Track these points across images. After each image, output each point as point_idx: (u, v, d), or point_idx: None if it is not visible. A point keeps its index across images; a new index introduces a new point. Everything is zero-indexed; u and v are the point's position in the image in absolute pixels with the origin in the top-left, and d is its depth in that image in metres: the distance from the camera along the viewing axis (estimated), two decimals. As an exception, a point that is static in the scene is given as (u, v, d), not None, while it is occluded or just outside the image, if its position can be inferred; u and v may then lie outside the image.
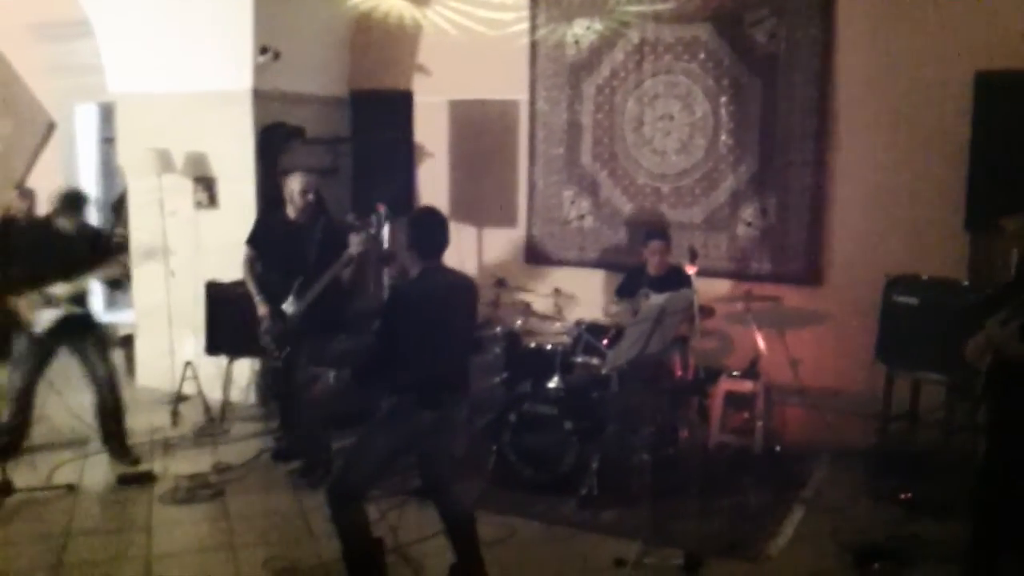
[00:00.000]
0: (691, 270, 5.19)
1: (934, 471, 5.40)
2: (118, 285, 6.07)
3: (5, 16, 9.29)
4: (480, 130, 7.64)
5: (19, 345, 5.86)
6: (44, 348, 5.89)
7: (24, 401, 6.03)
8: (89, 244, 5.84)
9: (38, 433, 6.26)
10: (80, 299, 5.81)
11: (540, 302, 6.79)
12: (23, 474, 5.59)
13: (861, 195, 6.30)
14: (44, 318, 5.71)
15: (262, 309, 5.75)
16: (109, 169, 9.37)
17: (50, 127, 9.49)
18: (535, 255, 7.47)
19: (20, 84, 9.55)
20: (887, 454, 5.76)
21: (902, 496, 5.28)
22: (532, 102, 7.35)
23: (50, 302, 5.67)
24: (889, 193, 6.19)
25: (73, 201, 5.84)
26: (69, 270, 5.68)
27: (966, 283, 5.44)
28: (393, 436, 4.11)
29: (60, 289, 5.67)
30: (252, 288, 5.83)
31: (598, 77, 7.06)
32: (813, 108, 6.35)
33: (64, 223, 5.75)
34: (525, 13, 7.21)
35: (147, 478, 5.70)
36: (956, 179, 5.71)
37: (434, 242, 4.09)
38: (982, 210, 5.40)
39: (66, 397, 6.72)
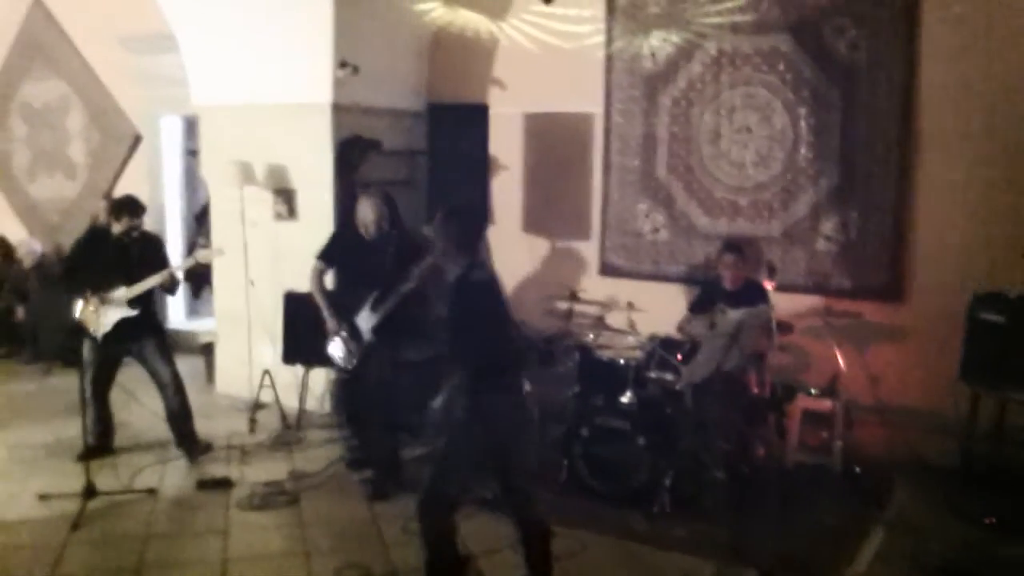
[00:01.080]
0: (769, 285, 5.10)
1: (1021, 493, 5.21)
2: (171, 291, 6.24)
3: (97, 30, 9.65)
4: (555, 143, 7.63)
5: (85, 351, 6.08)
6: (107, 353, 6.11)
7: (98, 405, 6.24)
8: (143, 249, 6.07)
9: (121, 438, 6.47)
10: (139, 303, 5.98)
11: (613, 316, 6.75)
12: (106, 477, 5.76)
13: (945, 209, 6.13)
14: (105, 322, 5.91)
15: (331, 324, 5.83)
16: (192, 180, 9.60)
17: (136, 139, 9.77)
18: (609, 268, 7.43)
19: (108, 98, 9.88)
20: (972, 475, 5.58)
21: (987, 520, 5.10)
22: (607, 115, 7.32)
23: (109, 306, 5.89)
24: (974, 207, 6.00)
25: (122, 206, 6.09)
26: (125, 275, 5.92)
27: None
28: (458, 430, 4.11)
29: (117, 293, 5.90)
30: (320, 301, 5.91)
31: (674, 89, 7.00)
32: (896, 120, 6.20)
33: (117, 228, 6.01)
34: (601, 26, 7.19)
35: (225, 483, 5.81)
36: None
37: (469, 235, 4.25)
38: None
39: (145, 404, 6.90)
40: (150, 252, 6.11)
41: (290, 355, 6.99)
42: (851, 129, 6.36)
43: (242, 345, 7.53)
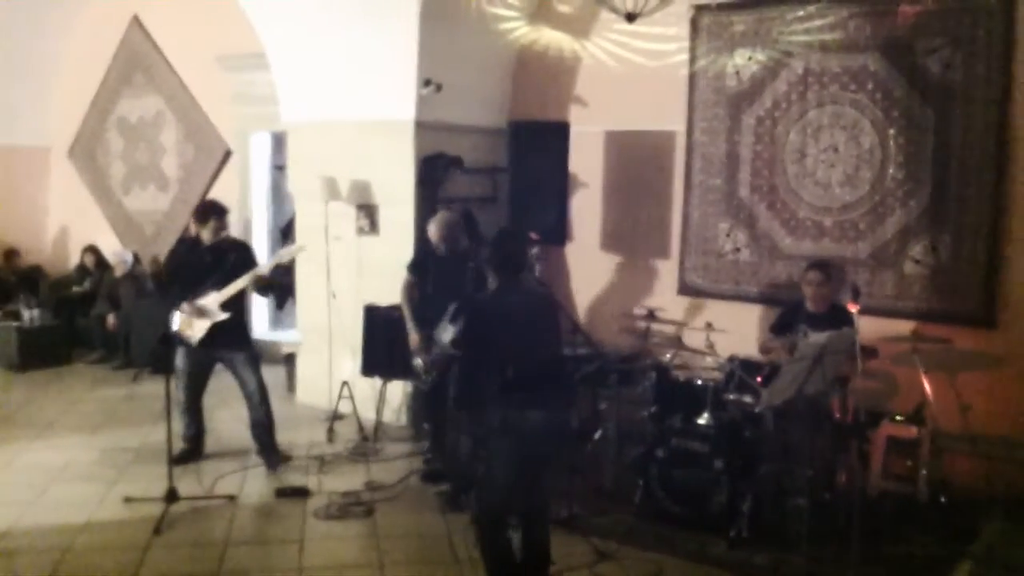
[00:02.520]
0: (854, 308, 4.98)
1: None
2: (264, 292, 6.38)
3: (193, 48, 9.97)
4: (635, 160, 7.60)
5: (179, 358, 6.26)
6: (199, 360, 6.28)
7: (192, 412, 6.43)
8: (234, 256, 6.20)
9: (206, 443, 6.62)
10: (230, 308, 6.11)
11: (692, 335, 6.66)
12: (189, 483, 5.90)
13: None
14: (199, 329, 6.06)
15: (414, 336, 5.92)
16: (279, 195, 9.83)
17: (227, 154, 10.05)
18: (688, 287, 7.34)
19: (201, 113, 10.19)
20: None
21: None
22: (689, 132, 7.25)
23: (203, 313, 6.01)
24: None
25: (207, 211, 6.25)
26: (218, 281, 6.06)
27: None
28: (510, 444, 4.18)
29: (210, 299, 6.03)
30: (407, 313, 6.01)
31: (759, 108, 6.91)
32: (992, 142, 6.00)
33: (206, 235, 6.17)
34: (685, 44, 7.14)
35: (302, 492, 5.90)
36: None
37: (509, 260, 4.39)
38: None
39: (232, 410, 7.06)
40: (240, 258, 6.25)
41: (369, 367, 7.08)
42: (943, 150, 6.19)
43: (323, 356, 7.66)
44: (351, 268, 7.55)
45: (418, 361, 6.01)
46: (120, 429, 7.24)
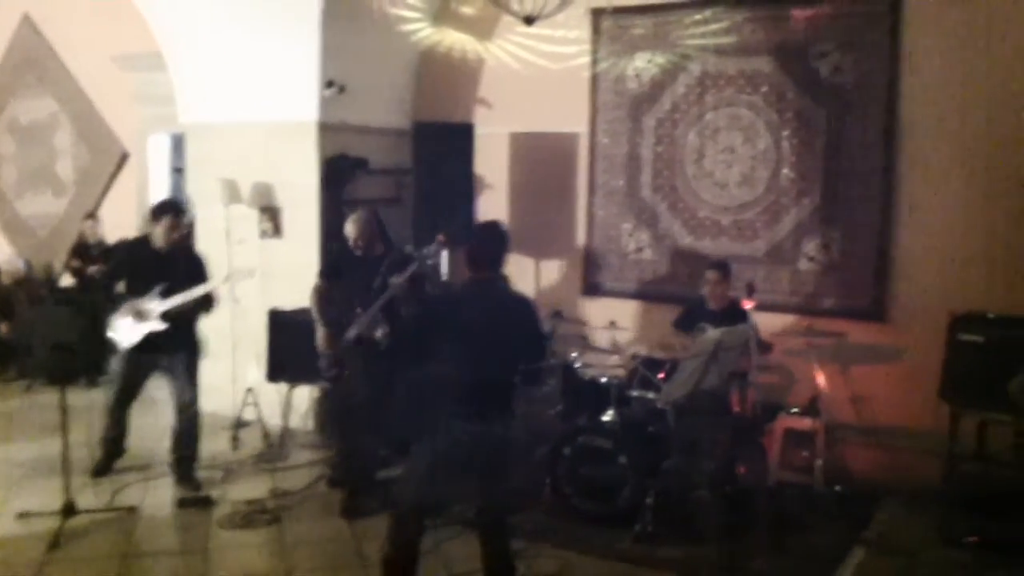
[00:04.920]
0: (749, 305, 5.13)
1: (1005, 513, 5.22)
2: (208, 308, 6.11)
3: (87, 48, 9.68)
4: (540, 162, 7.67)
5: (114, 363, 6.03)
6: (134, 366, 6.02)
7: (114, 417, 6.21)
8: (181, 264, 5.94)
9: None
10: (173, 317, 5.83)
11: (597, 334, 6.77)
12: (88, 496, 5.73)
13: (928, 229, 6.16)
14: (133, 334, 5.84)
15: (322, 333, 5.86)
16: (179, 198, 9.60)
17: (123, 157, 9.79)
18: (593, 287, 7.45)
19: (96, 116, 9.90)
20: (955, 495, 5.58)
21: (969, 540, 5.11)
22: (592, 134, 7.36)
23: (142, 317, 5.80)
24: (957, 228, 6.04)
25: (157, 209, 5.97)
26: (165, 288, 5.78)
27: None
28: (433, 451, 4.08)
29: (151, 305, 5.80)
30: (317, 317, 5.92)
31: (659, 110, 7.05)
32: (879, 142, 6.24)
33: (157, 236, 5.86)
34: (586, 47, 7.24)
35: (206, 502, 5.79)
36: (1026, 215, 5.58)
37: (482, 254, 4.14)
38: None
39: (136, 418, 6.87)
40: (192, 270, 5.97)
41: (274, 373, 6.97)
42: (834, 150, 6.41)
43: (226, 363, 7.51)
44: (254, 272, 7.42)
45: (323, 360, 5.95)
46: (13, 442, 6.98)
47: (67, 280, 9.40)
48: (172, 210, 5.95)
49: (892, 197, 6.24)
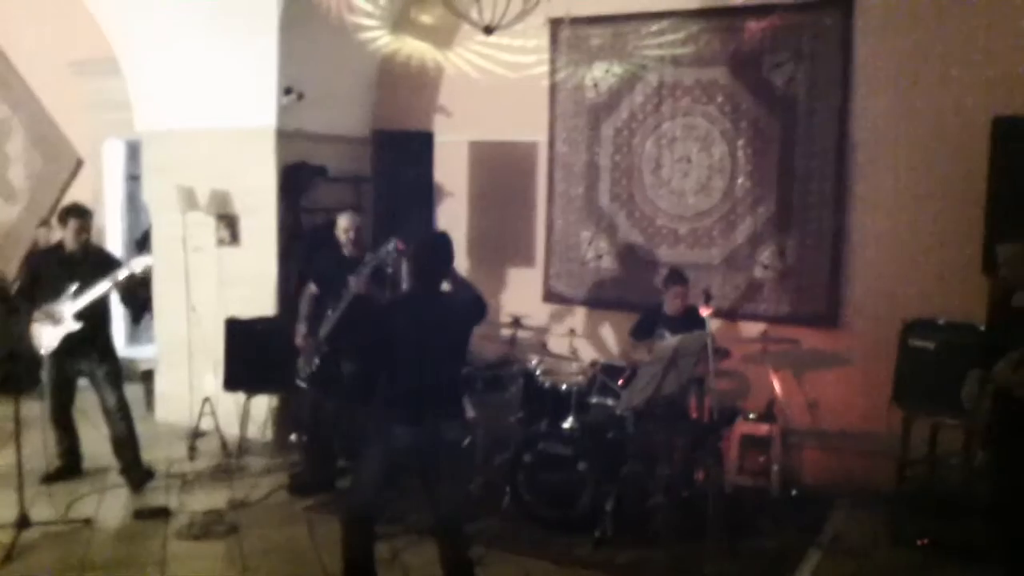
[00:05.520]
0: (706, 311, 5.20)
1: (955, 515, 5.34)
2: (131, 301, 6.14)
3: (41, 53, 9.53)
4: (499, 170, 7.70)
5: (44, 372, 6.00)
6: (60, 372, 6.04)
7: (61, 425, 6.22)
8: (90, 263, 5.98)
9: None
10: (86, 318, 5.86)
11: (557, 342, 6.81)
12: (42, 507, 5.63)
13: (880, 238, 6.28)
14: (50, 339, 5.84)
15: (300, 339, 5.89)
16: (135, 205, 9.50)
17: (78, 163, 9.66)
18: (552, 295, 7.49)
19: (50, 122, 9.76)
20: (907, 498, 5.70)
21: (920, 542, 5.21)
22: (551, 143, 7.41)
23: (56, 321, 5.80)
24: (908, 236, 6.17)
25: (64, 213, 6.05)
26: (76, 289, 5.82)
27: (983, 327, 5.39)
28: (379, 454, 4.18)
29: (63, 307, 5.82)
30: (302, 321, 5.97)
31: (617, 119, 7.12)
32: (832, 151, 6.36)
33: (67, 240, 5.96)
34: (545, 56, 7.29)
35: (163, 513, 5.73)
36: (975, 222, 5.69)
37: (424, 263, 4.26)
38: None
39: (87, 428, 6.77)
40: (98, 264, 6.00)
41: (232, 382, 6.92)
42: (788, 159, 6.52)
43: (183, 372, 7.45)
44: (211, 280, 7.37)
45: (302, 362, 5.96)
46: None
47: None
48: (77, 213, 6.04)
49: (845, 205, 6.36)
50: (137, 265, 6.01)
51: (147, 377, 8.10)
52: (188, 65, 7.30)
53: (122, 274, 5.94)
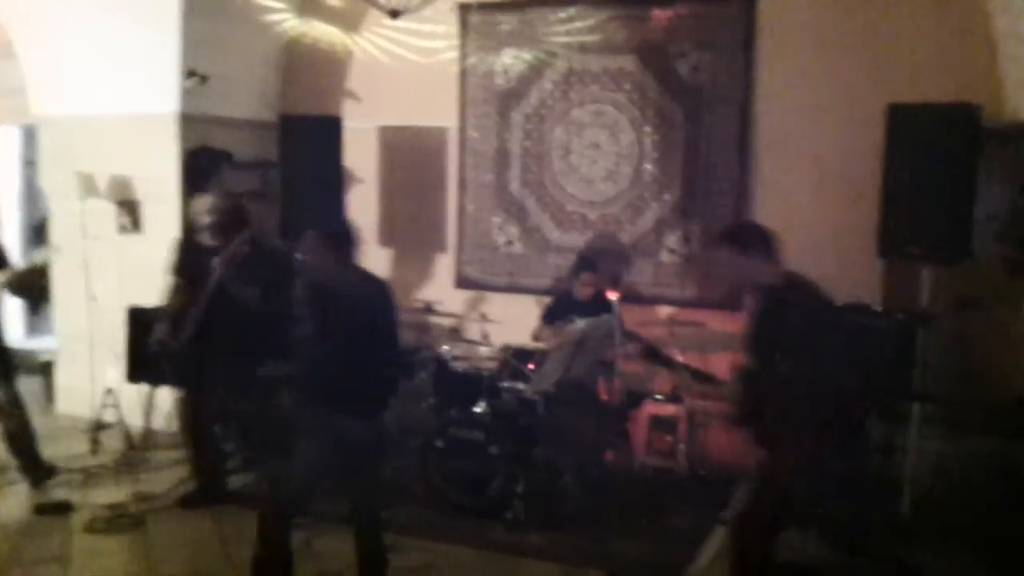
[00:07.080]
0: (613, 296, 5.28)
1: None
2: (23, 295, 5.91)
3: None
4: (410, 156, 7.67)
5: None
6: None
7: None
8: None
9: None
10: None
11: (468, 327, 6.83)
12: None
13: (781, 224, 6.41)
14: None
15: (161, 330, 5.62)
16: (32, 192, 9.19)
17: (-31, 149, 9.29)
18: (464, 280, 7.50)
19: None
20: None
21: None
22: (462, 129, 7.40)
23: None
24: (807, 221, 6.31)
25: None
26: None
27: (879, 308, 5.59)
28: (320, 448, 4.09)
29: None
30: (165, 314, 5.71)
31: (527, 106, 7.15)
32: (735, 139, 6.51)
33: None
34: (455, 42, 7.27)
35: (65, 508, 5.57)
36: (870, 206, 5.88)
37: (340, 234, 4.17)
38: (894, 237, 5.56)
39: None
40: None
41: (135, 373, 6.74)
42: (693, 147, 6.65)
43: (84, 363, 7.23)
44: (112, 269, 7.16)
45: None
46: None
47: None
48: None
49: (747, 191, 6.52)
50: (37, 259, 5.81)
51: (47, 369, 7.84)
52: (86, 48, 7.06)
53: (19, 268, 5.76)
